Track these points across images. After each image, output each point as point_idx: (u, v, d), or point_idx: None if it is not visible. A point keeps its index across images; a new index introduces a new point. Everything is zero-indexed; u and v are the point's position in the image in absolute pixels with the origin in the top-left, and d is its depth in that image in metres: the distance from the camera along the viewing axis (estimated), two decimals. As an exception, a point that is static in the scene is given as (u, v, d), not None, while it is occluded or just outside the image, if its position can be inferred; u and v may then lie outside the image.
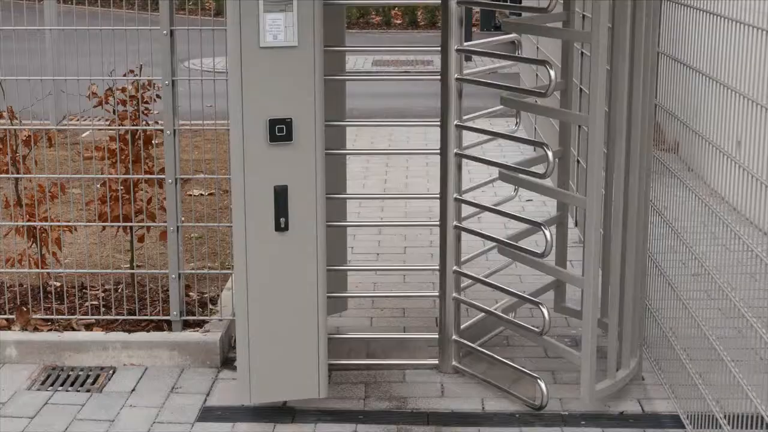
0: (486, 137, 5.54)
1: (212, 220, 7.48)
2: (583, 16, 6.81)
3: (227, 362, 5.58)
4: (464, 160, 5.25)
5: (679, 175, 5.00)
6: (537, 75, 9.81)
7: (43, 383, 5.42)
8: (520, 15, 5.85)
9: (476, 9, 19.28)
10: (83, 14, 5.97)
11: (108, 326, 5.79)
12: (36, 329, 5.75)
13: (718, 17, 4.46)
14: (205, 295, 6.11)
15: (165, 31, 5.43)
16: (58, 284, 6.13)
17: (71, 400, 5.23)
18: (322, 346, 4.87)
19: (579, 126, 6.65)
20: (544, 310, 4.81)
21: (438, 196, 5.26)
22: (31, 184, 6.02)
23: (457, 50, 5.08)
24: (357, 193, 7.87)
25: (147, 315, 5.86)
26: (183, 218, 5.73)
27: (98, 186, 6.10)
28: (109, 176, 5.89)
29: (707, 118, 4.72)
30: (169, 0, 5.42)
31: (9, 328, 5.77)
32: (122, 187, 5.83)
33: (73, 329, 5.77)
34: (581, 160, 6.87)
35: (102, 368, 5.57)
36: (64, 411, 5.12)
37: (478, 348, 5.35)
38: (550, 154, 4.69)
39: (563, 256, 5.82)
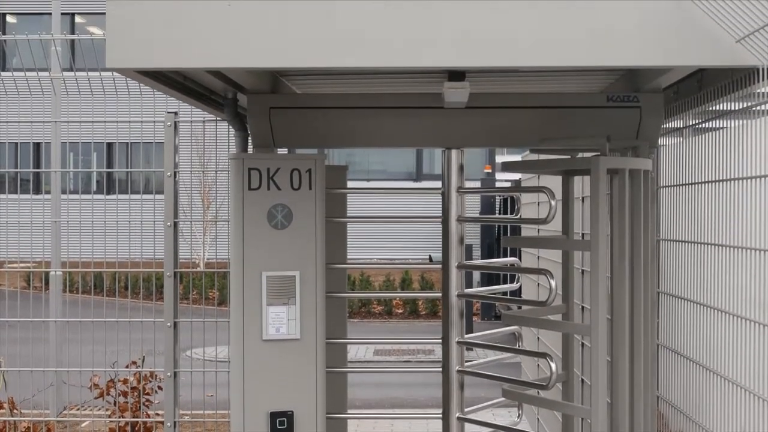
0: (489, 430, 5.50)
1: None
2: (582, 307, 6.89)
3: None
4: (467, 453, 5.20)
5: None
6: (538, 365, 9.82)
7: None
8: (520, 307, 5.92)
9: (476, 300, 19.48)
10: (88, 302, 6.05)
11: None
12: None
13: (716, 311, 4.52)
14: None
15: (169, 324, 5.50)
16: None
17: None
18: None
19: (582, 419, 6.61)
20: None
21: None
22: (26, 476, 5.94)
23: (458, 342, 5.11)
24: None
25: None
26: None
27: (95, 478, 6.01)
28: (107, 468, 5.81)
29: (710, 410, 4.70)
30: (173, 293, 5.51)
31: None
32: (119, 480, 5.75)
33: None
34: (585, 452, 6.78)
35: None
36: None
37: None
38: (553, 447, 4.64)
39: None
